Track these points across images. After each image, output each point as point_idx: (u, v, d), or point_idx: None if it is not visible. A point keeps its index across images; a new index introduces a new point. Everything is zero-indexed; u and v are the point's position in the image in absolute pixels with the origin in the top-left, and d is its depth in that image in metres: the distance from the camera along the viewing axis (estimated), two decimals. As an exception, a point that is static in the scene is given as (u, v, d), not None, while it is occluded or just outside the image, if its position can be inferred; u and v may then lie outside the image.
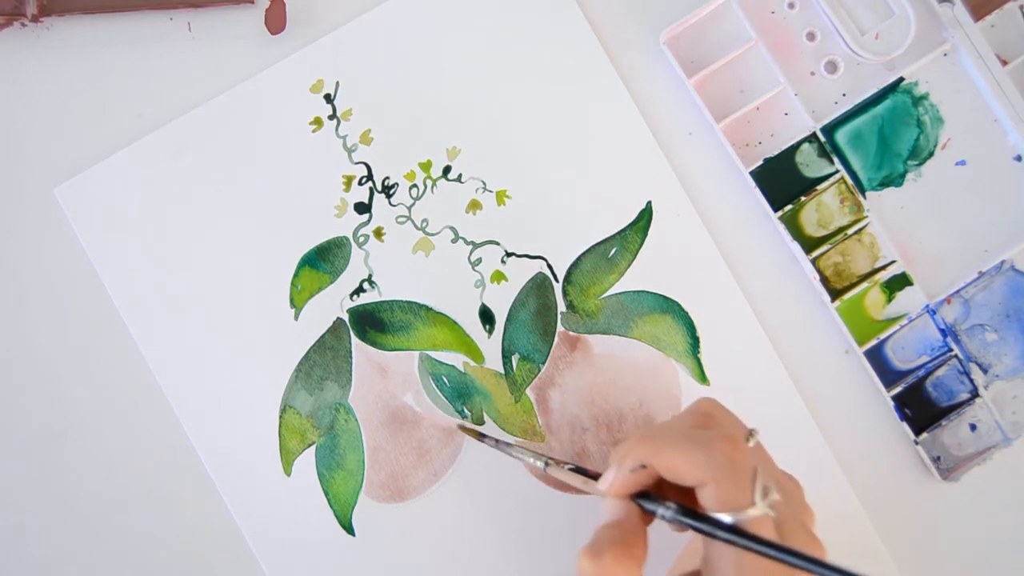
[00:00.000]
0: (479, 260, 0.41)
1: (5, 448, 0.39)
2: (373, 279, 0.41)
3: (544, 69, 0.41)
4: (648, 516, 0.31)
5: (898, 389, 0.40)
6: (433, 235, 0.41)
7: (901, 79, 0.41)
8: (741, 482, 0.28)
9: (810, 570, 0.25)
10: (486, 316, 0.41)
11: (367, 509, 0.40)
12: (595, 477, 0.33)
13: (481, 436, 0.39)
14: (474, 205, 0.41)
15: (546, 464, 0.35)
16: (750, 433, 0.31)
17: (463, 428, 0.40)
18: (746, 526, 0.27)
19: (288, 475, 0.40)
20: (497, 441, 0.38)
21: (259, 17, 0.41)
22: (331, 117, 0.41)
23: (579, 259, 0.41)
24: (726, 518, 0.28)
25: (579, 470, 0.34)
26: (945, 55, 0.41)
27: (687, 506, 0.29)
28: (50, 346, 0.40)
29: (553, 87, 0.41)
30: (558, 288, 0.41)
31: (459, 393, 0.40)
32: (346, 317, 0.40)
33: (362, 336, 0.40)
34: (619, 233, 0.41)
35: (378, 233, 0.41)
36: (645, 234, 0.41)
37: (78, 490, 0.40)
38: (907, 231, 0.41)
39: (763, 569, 0.28)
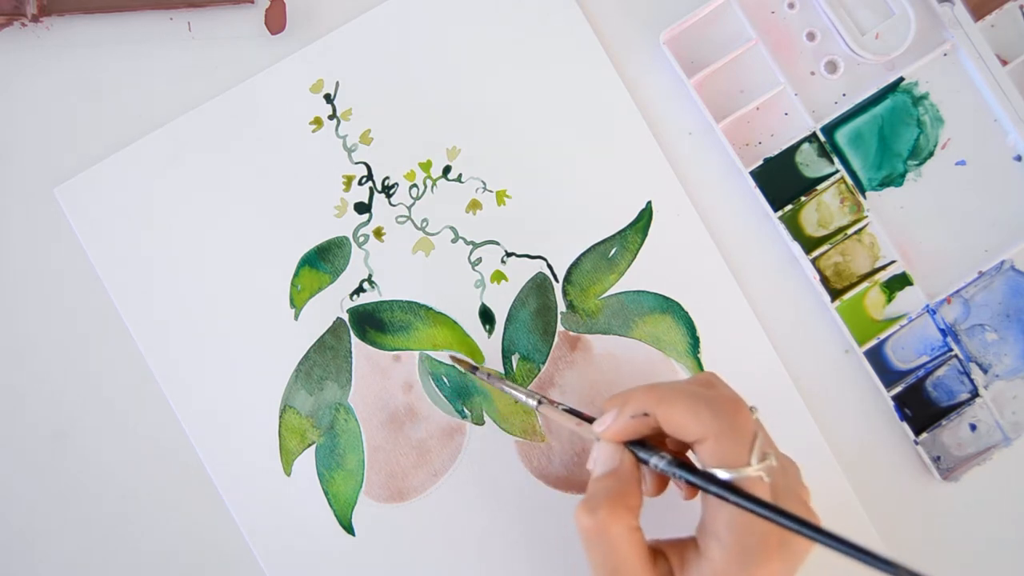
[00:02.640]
0: (479, 260, 0.41)
1: (3, 448, 0.39)
2: (373, 279, 0.41)
3: (544, 69, 0.41)
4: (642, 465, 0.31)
5: (898, 389, 0.40)
6: (433, 235, 0.41)
7: (901, 79, 0.41)
8: (741, 442, 0.29)
9: (799, 531, 0.26)
10: (486, 316, 0.41)
11: (367, 509, 0.40)
12: (589, 421, 0.33)
13: (474, 368, 0.39)
14: (474, 205, 0.41)
15: (539, 402, 0.36)
16: (751, 410, 0.31)
17: (455, 359, 0.40)
18: (742, 485, 0.28)
19: (288, 475, 0.40)
20: (489, 375, 0.38)
21: (259, 17, 0.41)
22: (331, 117, 0.41)
23: (579, 259, 0.41)
24: (723, 474, 0.28)
25: (574, 412, 0.34)
26: (945, 55, 0.41)
27: (681, 459, 0.30)
28: (50, 346, 0.40)
29: (553, 87, 0.41)
30: (558, 288, 0.41)
31: (459, 393, 0.40)
32: (346, 317, 0.40)
33: (362, 336, 0.40)
34: (619, 233, 0.41)
35: (378, 233, 0.41)
36: (645, 234, 0.41)
37: (78, 490, 0.39)
38: (907, 231, 0.41)
39: (756, 530, 0.28)
